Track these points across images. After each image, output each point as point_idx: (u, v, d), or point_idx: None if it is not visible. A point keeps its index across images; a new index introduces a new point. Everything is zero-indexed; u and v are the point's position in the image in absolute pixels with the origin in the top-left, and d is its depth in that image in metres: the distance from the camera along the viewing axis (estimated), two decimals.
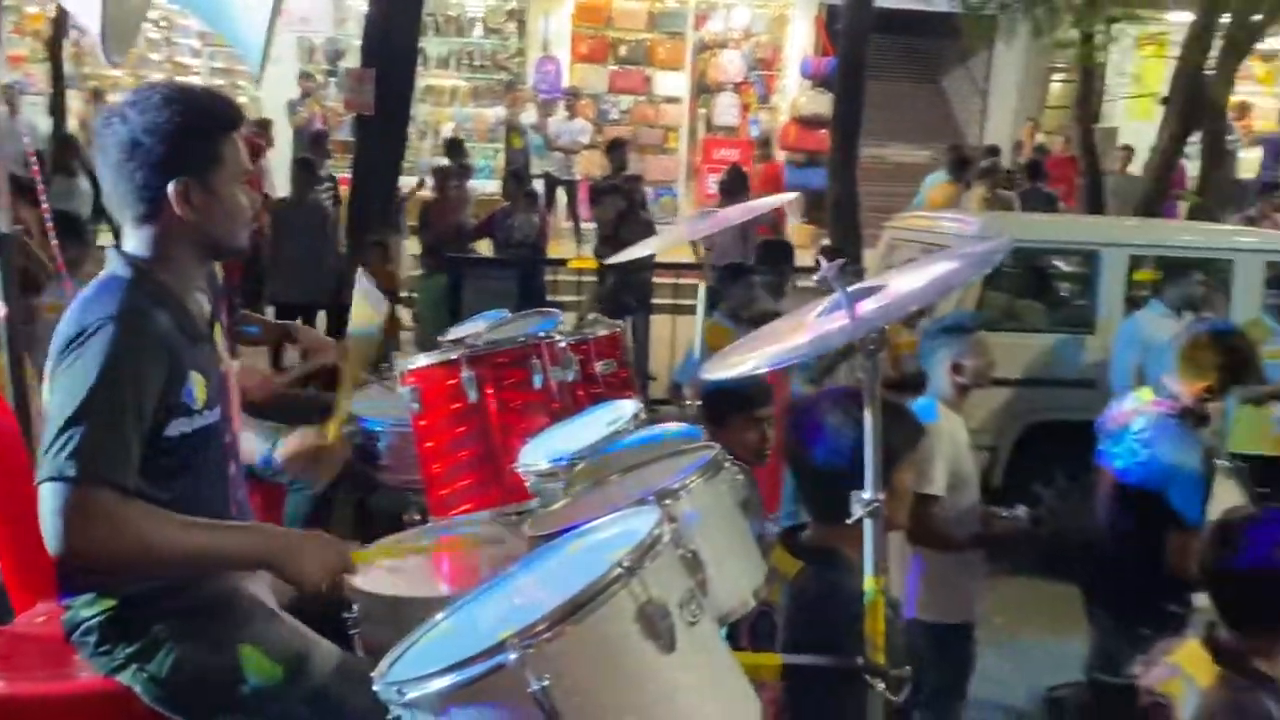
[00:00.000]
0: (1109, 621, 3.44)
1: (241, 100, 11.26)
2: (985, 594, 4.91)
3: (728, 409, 3.00)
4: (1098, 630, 3.52)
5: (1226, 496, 3.44)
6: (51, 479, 1.69)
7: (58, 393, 1.74)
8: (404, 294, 8.68)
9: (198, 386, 1.89)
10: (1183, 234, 7.28)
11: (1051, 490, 5.98)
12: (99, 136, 1.90)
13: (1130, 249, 5.96)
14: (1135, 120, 13.42)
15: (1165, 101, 9.69)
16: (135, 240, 1.92)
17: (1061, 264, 7.47)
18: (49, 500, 1.70)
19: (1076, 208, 10.75)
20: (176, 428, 1.87)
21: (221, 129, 1.91)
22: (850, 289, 1.61)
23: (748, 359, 1.64)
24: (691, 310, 8.17)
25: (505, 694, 1.26)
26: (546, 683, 1.24)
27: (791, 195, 3.33)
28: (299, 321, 4.53)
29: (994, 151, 11.72)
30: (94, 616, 1.89)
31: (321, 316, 8.14)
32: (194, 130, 1.86)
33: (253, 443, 2.55)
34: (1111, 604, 3.45)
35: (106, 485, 1.70)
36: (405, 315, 8.71)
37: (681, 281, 8.08)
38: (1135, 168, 11.27)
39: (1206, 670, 2.10)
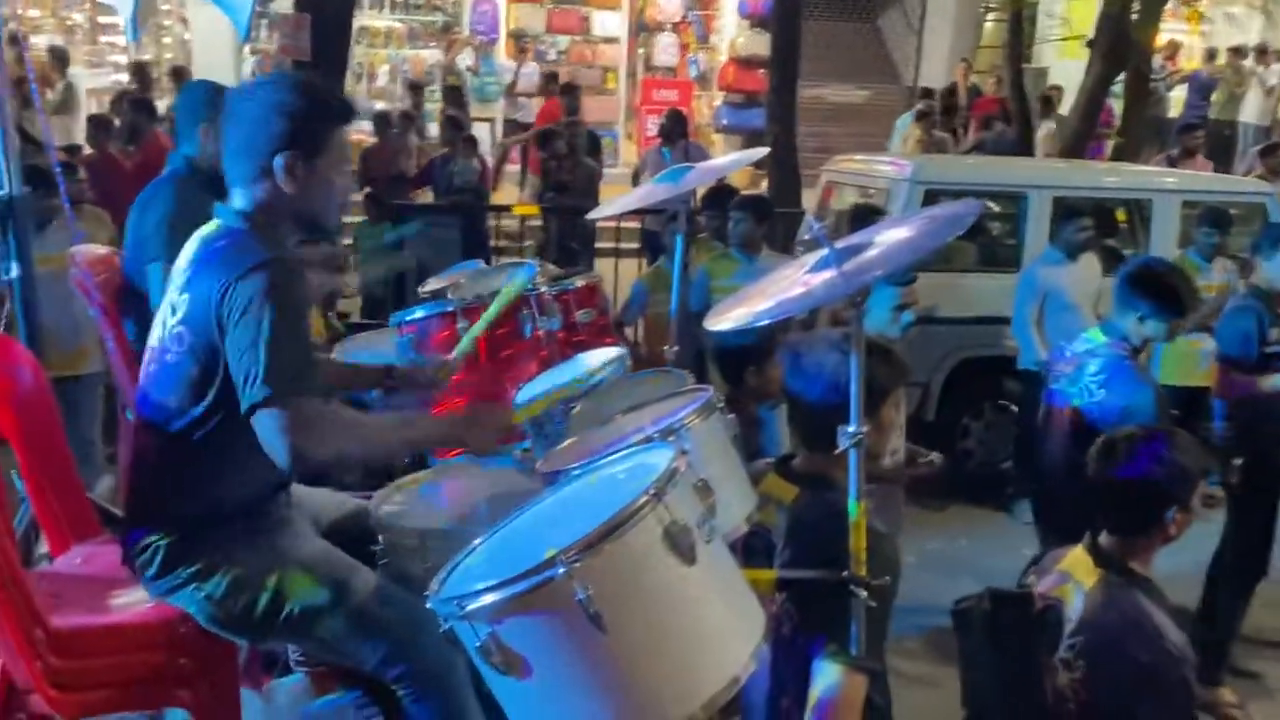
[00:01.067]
0: (1055, 544, 3.74)
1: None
2: (921, 522, 5.30)
3: (739, 366, 3.20)
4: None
5: None
6: (260, 406, 1.91)
7: (240, 333, 1.94)
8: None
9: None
10: (1106, 175, 7.65)
11: (980, 423, 6.37)
12: (234, 104, 2.12)
13: (1055, 190, 6.26)
14: (1065, 60, 13.78)
15: (1091, 44, 10.01)
16: (241, 200, 2.13)
17: (991, 205, 7.82)
18: (265, 425, 1.93)
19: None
20: None
21: (334, 120, 2.14)
22: (838, 246, 1.83)
23: (742, 312, 1.86)
24: (633, 254, 8.40)
25: (554, 603, 1.49)
26: (590, 592, 1.46)
27: (762, 151, 3.45)
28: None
29: (928, 94, 11.99)
30: (158, 542, 2.07)
31: None
32: (311, 115, 2.09)
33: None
34: (1067, 535, 3.74)
35: (307, 395, 1.95)
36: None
37: (624, 225, 8.24)
38: (1064, 109, 11.61)
39: (1090, 573, 2.38)
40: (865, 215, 5.19)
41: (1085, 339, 3.59)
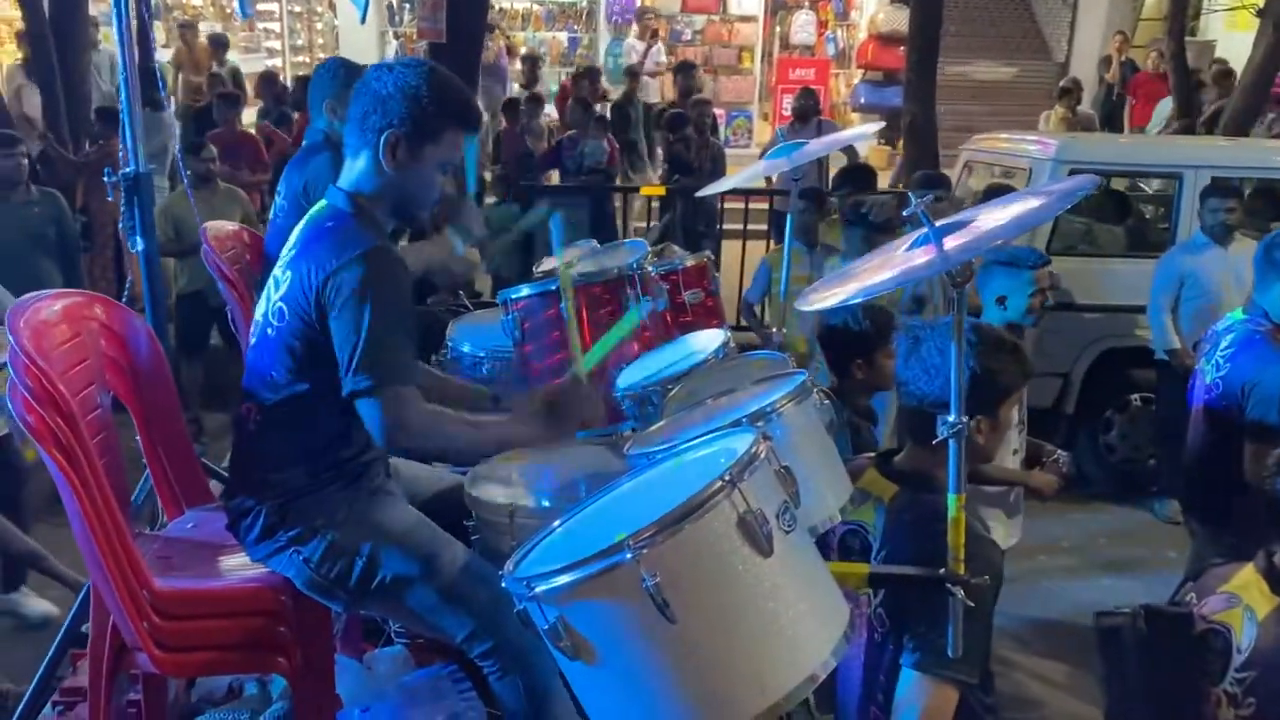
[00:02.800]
0: (1203, 535, 3.52)
1: None
2: (1058, 517, 5.05)
3: (846, 356, 3.09)
4: (1196, 545, 3.60)
5: None
6: (361, 394, 1.98)
7: (342, 322, 1.99)
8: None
9: None
10: (1275, 155, 7.10)
11: (1124, 416, 6.03)
12: (368, 77, 2.14)
13: (1215, 170, 5.84)
14: (1233, 32, 12.89)
15: (1261, 13, 9.30)
16: (348, 176, 2.17)
17: (1144, 186, 7.36)
18: (368, 411, 2.00)
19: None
20: None
21: (452, 118, 2.13)
22: (937, 224, 1.71)
23: (838, 292, 1.77)
24: (761, 235, 8.26)
25: (621, 589, 1.44)
26: (658, 579, 1.41)
27: (879, 125, 3.36)
28: None
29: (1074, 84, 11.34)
30: (259, 508, 2.14)
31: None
32: (431, 104, 2.08)
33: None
34: (1203, 518, 3.52)
35: (408, 386, 2.00)
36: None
37: (753, 207, 8.10)
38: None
39: (1265, 599, 2.10)
40: (997, 194, 4.95)
41: (1227, 318, 3.42)
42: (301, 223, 2.21)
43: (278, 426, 2.15)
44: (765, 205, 8.44)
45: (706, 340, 2.65)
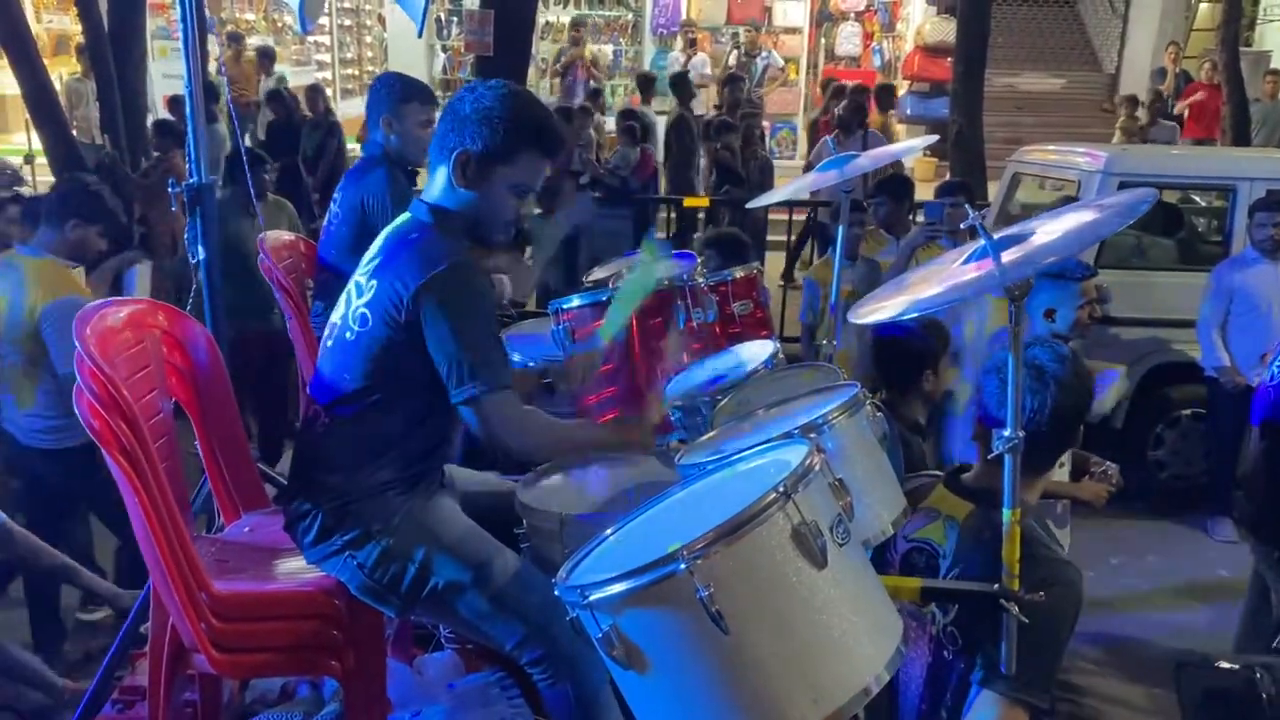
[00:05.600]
0: (1260, 549, 3.46)
1: None
2: (1107, 534, 4.99)
3: (905, 370, 3.06)
4: (1256, 558, 3.54)
5: None
6: (468, 402, 2.07)
7: (438, 328, 2.06)
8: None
9: None
10: None
11: (1174, 432, 5.94)
12: (456, 96, 2.21)
13: (1270, 183, 5.72)
14: None
15: None
16: (429, 190, 2.24)
17: (1197, 198, 7.24)
18: (475, 416, 2.08)
19: (1221, 138, 10.30)
20: None
21: (526, 142, 2.15)
22: (996, 237, 1.70)
23: (889, 305, 1.77)
24: (780, 246, 8.22)
25: (674, 599, 1.44)
26: (711, 590, 1.41)
27: (932, 139, 3.34)
28: None
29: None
30: (315, 511, 2.17)
31: None
32: (504, 124, 2.12)
33: None
34: (1258, 530, 3.46)
35: (505, 389, 2.09)
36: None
37: (796, 219, 8.09)
38: None
39: None
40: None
41: None
42: (385, 233, 2.28)
43: (344, 431, 2.19)
44: (803, 217, 8.43)
45: (756, 351, 2.66)
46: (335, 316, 2.25)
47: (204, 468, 2.59)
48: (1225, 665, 2.15)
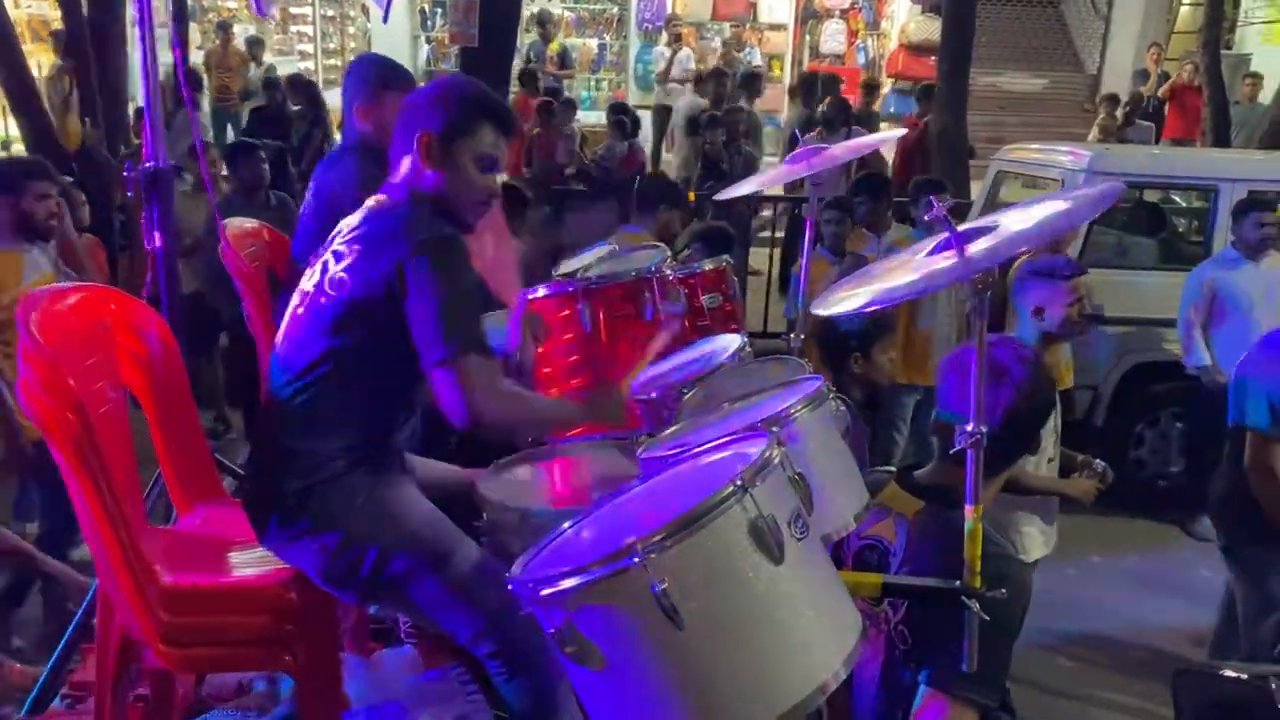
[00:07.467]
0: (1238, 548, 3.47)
1: None
2: (1085, 533, 4.98)
3: (832, 353, 3.06)
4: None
5: None
6: (439, 364, 2.02)
7: (423, 290, 2.04)
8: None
9: None
10: None
11: (1154, 431, 5.93)
12: (414, 92, 2.31)
13: (1251, 184, 5.73)
14: (1271, 45, 12.73)
15: None
16: (396, 178, 2.26)
17: (1177, 198, 7.25)
18: (443, 381, 2.02)
19: (1201, 140, 10.32)
20: None
21: (479, 113, 2.22)
22: (960, 229, 1.67)
23: (855, 296, 1.72)
24: (775, 242, 8.20)
25: (629, 595, 1.40)
26: (665, 585, 1.37)
27: (900, 132, 3.33)
28: None
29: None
30: (281, 493, 2.12)
31: None
32: (460, 101, 2.21)
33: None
34: (1225, 528, 3.47)
35: (478, 351, 2.04)
36: None
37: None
38: (1265, 96, 10.72)
39: None
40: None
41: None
42: (364, 207, 2.27)
43: (305, 401, 2.13)
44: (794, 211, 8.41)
45: (723, 344, 2.61)
46: (307, 284, 2.20)
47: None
48: (1231, 674, 2.10)
